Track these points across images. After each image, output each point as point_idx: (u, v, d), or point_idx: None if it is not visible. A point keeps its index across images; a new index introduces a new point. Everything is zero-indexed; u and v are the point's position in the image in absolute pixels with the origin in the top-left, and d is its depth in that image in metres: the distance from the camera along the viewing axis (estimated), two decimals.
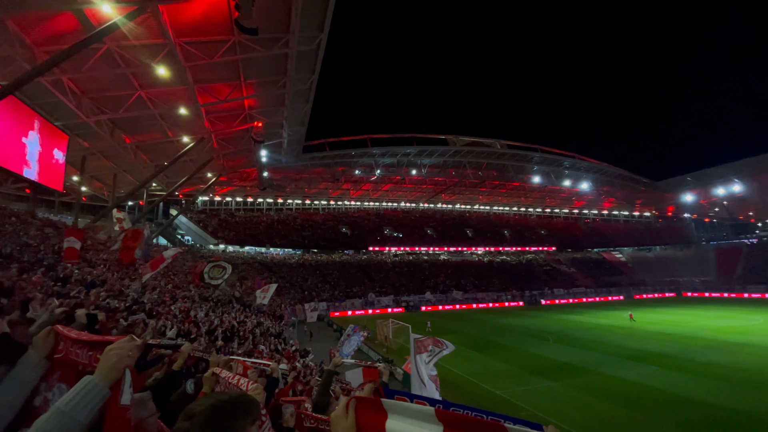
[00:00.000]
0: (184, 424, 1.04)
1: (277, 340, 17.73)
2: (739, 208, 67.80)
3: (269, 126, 30.26)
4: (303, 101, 27.63)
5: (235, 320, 16.24)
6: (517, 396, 15.20)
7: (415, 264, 60.92)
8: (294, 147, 38.72)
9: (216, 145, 31.15)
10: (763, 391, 14.55)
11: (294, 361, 13.75)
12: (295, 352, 16.79)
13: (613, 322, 33.74)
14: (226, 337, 12.41)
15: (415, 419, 1.09)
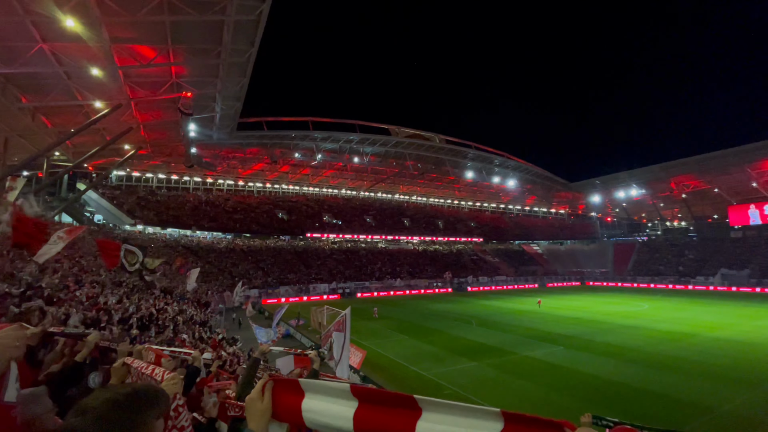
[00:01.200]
0: (74, 420, 0.94)
1: (202, 329, 16.76)
2: (635, 210, 78.77)
3: (200, 98, 27.88)
4: (239, 75, 25.88)
5: (154, 307, 14.99)
6: (442, 376, 16.22)
7: (354, 251, 61.24)
8: (227, 123, 36.23)
9: (136, 114, 27.96)
10: (645, 367, 17.28)
11: (220, 349, 13.14)
12: (222, 341, 16.04)
13: (528, 307, 37.34)
14: (142, 325, 11.42)
15: (332, 396, 1.11)
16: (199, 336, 14.31)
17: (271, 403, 1.18)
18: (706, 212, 67.99)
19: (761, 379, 15.12)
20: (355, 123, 51.29)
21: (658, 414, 11.95)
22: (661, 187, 65.93)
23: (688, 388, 14.25)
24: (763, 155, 50.27)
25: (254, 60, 23.96)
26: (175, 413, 1.59)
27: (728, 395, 13.46)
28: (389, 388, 14.49)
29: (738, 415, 11.86)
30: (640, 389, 14.38)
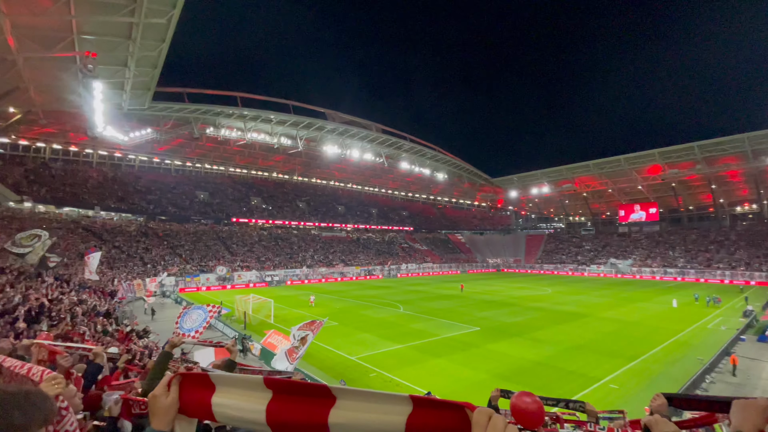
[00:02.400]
0: None
1: (107, 321, 15.04)
2: (545, 205, 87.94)
3: (109, 59, 24.43)
4: (158, 39, 23.15)
5: (46, 297, 13.05)
6: (369, 360, 16.70)
7: (284, 238, 59.35)
8: (142, 91, 32.40)
9: (26, 72, 23.57)
10: (547, 344, 19.60)
11: (129, 343, 11.95)
12: (131, 333, 14.59)
13: (451, 292, 39.88)
14: (30, 318, 9.89)
15: (244, 389, 1.09)
16: (103, 329, 12.82)
17: (177, 399, 1.12)
18: (601, 209, 78.53)
19: (636, 352, 18.11)
20: (290, 103, 49.14)
21: (555, 384, 13.74)
22: (567, 186, 74.40)
23: (581, 362, 16.54)
24: (649, 162, 59.46)
25: (176, 23, 21.55)
26: (58, 416, 1.42)
27: (612, 367, 15.90)
28: (319, 375, 14.53)
29: (619, 385, 14.06)
30: (542, 363, 16.33)
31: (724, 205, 63.03)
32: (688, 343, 19.66)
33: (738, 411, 1.26)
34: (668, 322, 25.05)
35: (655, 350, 18.45)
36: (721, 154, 53.13)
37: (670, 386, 13.46)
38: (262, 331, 19.60)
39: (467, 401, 0.88)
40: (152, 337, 16.32)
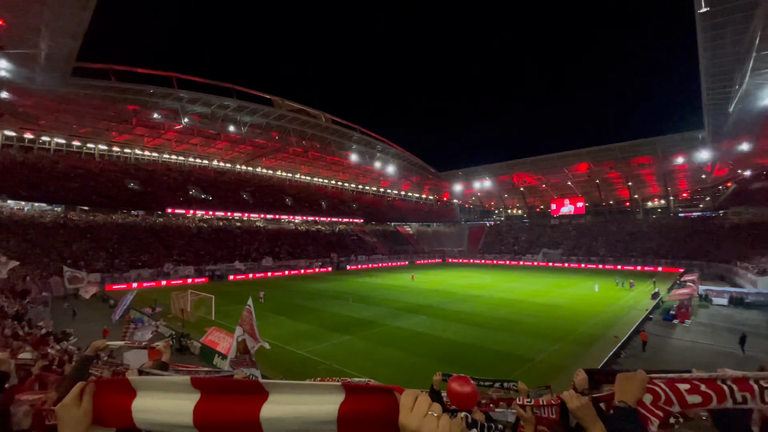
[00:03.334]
0: None
1: (18, 323, 13.31)
2: (486, 199, 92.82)
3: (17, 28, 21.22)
4: (77, 6, 20.54)
5: None
6: (318, 352, 16.61)
7: (226, 230, 56.39)
8: (59, 65, 28.67)
9: None
10: (486, 329, 20.86)
11: (45, 347, 10.69)
12: (47, 336, 13.07)
13: (400, 282, 40.81)
14: None
15: (169, 391, 1.04)
16: (12, 332, 11.34)
17: (90, 409, 1.04)
18: (536, 203, 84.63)
19: (564, 333, 19.94)
20: (232, 87, 46.35)
21: (493, 366, 14.71)
22: (506, 181, 79.18)
23: (515, 344, 17.86)
24: (578, 161, 65.13)
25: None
26: None
27: (542, 348, 17.37)
28: (265, 371, 14.13)
29: (549, 363, 15.43)
30: (482, 347, 17.39)
31: (638, 201, 71.11)
32: (607, 323, 22.07)
33: (620, 383, 1.42)
34: (591, 305, 27.88)
35: (580, 330, 20.48)
36: (636, 155, 59.79)
37: (593, 362, 15.04)
38: (202, 329, 18.59)
39: (398, 385, 0.92)
40: (73, 340, 14.76)
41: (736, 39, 26.06)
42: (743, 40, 25.56)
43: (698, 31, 26.21)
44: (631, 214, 71.09)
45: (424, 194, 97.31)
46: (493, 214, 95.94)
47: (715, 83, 33.37)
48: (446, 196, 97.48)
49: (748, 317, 23.17)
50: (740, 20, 23.94)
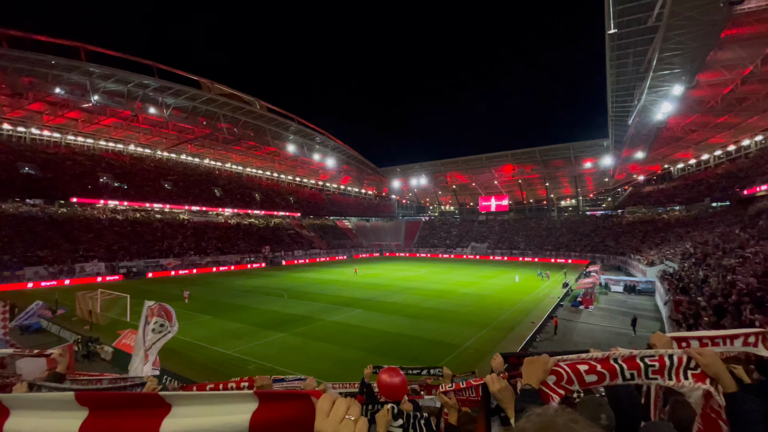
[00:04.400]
0: None
1: None
2: (422, 195, 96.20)
3: None
4: None
5: None
6: (249, 352, 15.91)
7: (144, 223, 51.13)
8: None
9: None
10: (419, 319, 21.67)
11: None
12: None
13: (336, 277, 40.64)
14: None
15: (50, 410, 0.91)
16: None
17: None
18: (466, 200, 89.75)
19: (488, 320, 21.49)
20: (153, 65, 41.79)
21: (424, 354, 15.39)
22: (440, 178, 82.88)
23: (445, 333, 18.84)
24: (503, 162, 70.38)
25: None
26: None
27: (469, 335, 18.54)
28: (186, 373, 13.15)
29: (475, 349, 16.52)
30: (414, 337, 18.08)
31: (553, 200, 79.01)
32: (526, 310, 24.27)
33: (526, 367, 1.54)
34: (512, 293, 30.43)
35: (502, 317, 22.26)
36: (553, 158, 66.36)
37: (513, 346, 16.47)
38: (114, 331, 16.71)
39: (316, 389, 0.92)
40: None
41: (637, 59, 30.01)
42: (643, 61, 29.51)
43: (606, 50, 29.68)
44: (548, 212, 78.77)
45: (363, 189, 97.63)
46: (428, 210, 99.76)
47: (618, 97, 38.16)
48: (385, 191, 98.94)
49: (638, 302, 27.06)
50: (642, 43, 27.58)
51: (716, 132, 44.67)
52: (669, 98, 32.39)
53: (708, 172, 53.40)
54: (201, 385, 2.54)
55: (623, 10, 24.67)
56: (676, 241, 40.53)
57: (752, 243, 21.61)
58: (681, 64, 27.32)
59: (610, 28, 26.38)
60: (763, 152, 44.16)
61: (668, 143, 49.78)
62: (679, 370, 1.43)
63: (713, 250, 25.24)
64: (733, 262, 19.36)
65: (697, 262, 24.58)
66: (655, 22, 23.48)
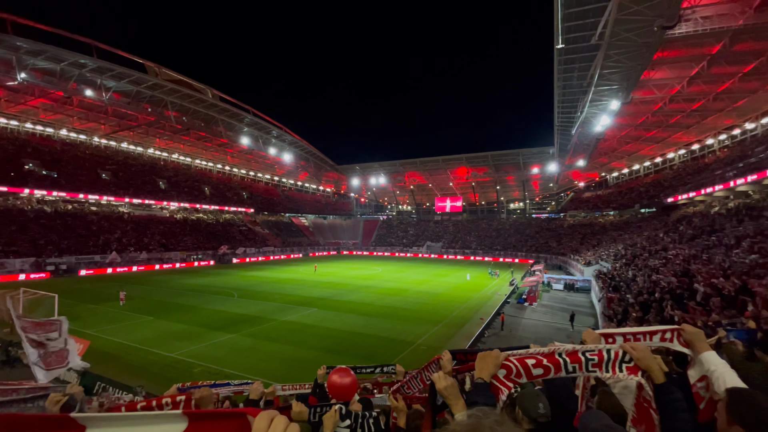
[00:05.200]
0: None
1: None
2: (381, 194, 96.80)
3: None
4: None
5: None
6: (195, 354, 15.09)
7: (78, 216, 46.60)
8: None
9: None
10: (374, 317, 21.79)
11: None
12: None
13: (291, 275, 39.72)
14: None
15: None
16: None
17: None
18: (423, 201, 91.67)
19: (441, 317, 22.11)
20: (92, 43, 38.08)
21: (379, 352, 15.51)
22: (399, 178, 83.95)
23: (400, 330, 19.12)
24: (458, 164, 72.79)
25: None
26: None
27: (423, 332, 18.96)
28: (123, 378, 12.19)
29: (428, 345, 16.91)
30: (369, 335, 18.16)
31: (503, 202, 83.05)
32: (475, 307, 25.29)
33: (479, 361, 1.60)
34: (463, 291, 31.58)
35: (454, 314, 23.03)
36: (504, 163, 69.79)
37: (463, 342, 17.09)
38: None
39: (253, 407, 0.87)
40: None
41: (581, 74, 32.36)
42: (587, 76, 31.89)
43: (555, 63, 31.71)
44: (498, 214, 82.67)
45: (321, 186, 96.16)
46: (387, 209, 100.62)
47: (564, 109, 40.92)
48: (343, 189, 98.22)
49: (577, 299, 29.23)
50: (586, 59, 29.80)
51: (646, 145, 49.41)
52: (607, 112, 35.29)
53: (638, 181, 58.89)
54: (131, 404, 2.34)
55: (570, 27, 26.50)
56: (610, 243, 44.29)
57: (673, 246, 24.20)
58: (619, 81, 29.86)
59: (558, 43, 28.21)
60: (685, 165, 49.58)
61: (605, 153, 54.27)
62: (615, 363, 1.54)
63: (641, 252, 27.93)
64: (657, 263, 21.57)
65: (627, 263, 27.06)
66: (598, 40, 25.47)
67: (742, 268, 12.59)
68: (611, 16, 21.71)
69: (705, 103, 34.18)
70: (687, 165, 48.87)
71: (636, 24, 22.07)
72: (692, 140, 46.55)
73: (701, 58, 26.65)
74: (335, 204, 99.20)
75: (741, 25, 21.98)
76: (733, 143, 42.18)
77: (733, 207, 25.69)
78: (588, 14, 24.72)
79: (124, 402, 4.24)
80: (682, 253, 20.45)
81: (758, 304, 8.36)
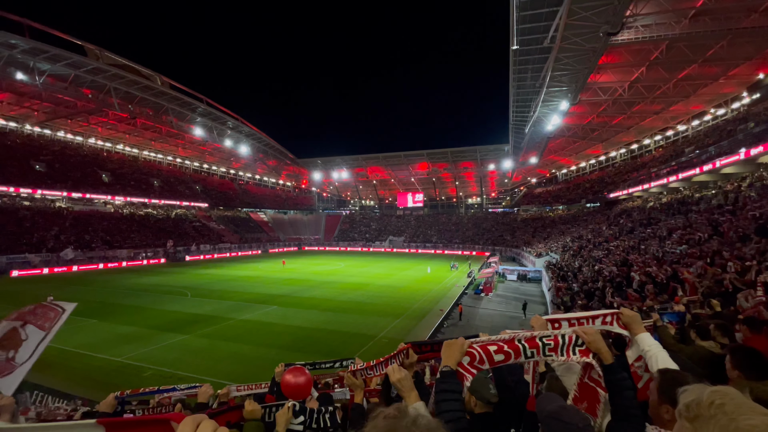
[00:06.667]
0: None
1: None
2: (343, 189, 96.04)
3: None
4: None
5: None
6: (144, 357, 14.24)
7: (8, 211, 41.99)
8: None
9: None
10: (336, 312, 21.68)
11: None
12: None
13: (249, 273, 38.47)
14: None
15: None
16: None
17: None
18: (386, 195, 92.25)
19: (402, 310, 22.45)
20: (23, 22, 34.12)
21: (341, 347, 15.49)
22: (361, 173, 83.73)
23: (362, 324, 19.19)
24: (419, 160, 73.95)
25: None
26: None
27: (385, 325, 19.16)
28: (64, 387, 11.24)
29: (389, 338, 17.11)
30: (331, 330, 18.07)
31: (462, 197, 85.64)
32: (435, 299, 25.94)
33: (444, 349, 1.64)
34: (424, 283, 32.27)
35: (414, 306, 23.49)
36: (462, 159, 71.84)
37: (424, 333, 17.50)
38: None
39: (178, 413, 0.82)
40: None
41: (534, 75, 33.92)
42: (539, 77, 33.46)
43: (510, 64, 32.97)
44: (456, 208, 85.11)
45: (281, 180, 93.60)
46: (349, 204, 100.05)
47: (518, 108, 42.73)
48: (305, 184, 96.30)
49: (529, 289, 30.86)
50: (538, 60, 31.25)
51: (591, 144, 52.94)
52: (557, 112, 37.33)
53: (585, 178, 63.02)
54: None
55: (525, 30, 27.66)
56: (559, 235, 47.14)
57: (614, 238, 26.22)
58: (568, 83, 31.66)
59: (513, 45, 29.34)
60: (625, 163, 53.68)
61: (555, 151, 57.48)
62: (569, 347, 1.63)
63: (586, 244, 30.00)
64: (600, 254, 23.28)
65: (574, 254, 28.98)
66: (550, 43, 26.80)
67: (673, 257, 13.90)
68: (562, 21, 22.91)
69: (643, 106, 37.19)
70: (627, 163, 53.00)
71: (584, 29, 23.45)
72: (632, 140, 50.54)
73: (641, 64, 28.91)
74: (296, 198, 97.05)
75: (677, 33, 24.06)
76: (666, 143, 46.31)
77: (666, 202, 28.28)
78: (541, 17, 25.92)
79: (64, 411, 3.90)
80: (622, 245, 22.22)
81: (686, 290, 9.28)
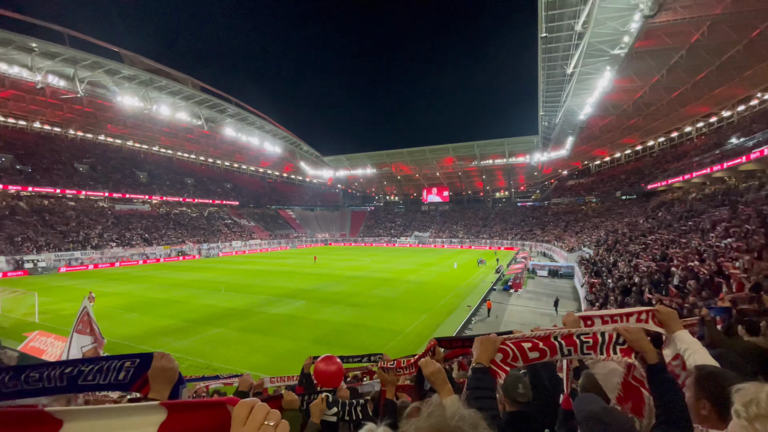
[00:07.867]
0: None
1: None
2: (368, 185, 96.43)
3: None
4: None
5: None
6: (182, 349, 14.96)
7: (55, 211, 45.16)
8: None
9: None
10: (362, 307, 21.90)
11: None
12: None
13: (279, 268, 39.48)
14: None
15: None
16: None
17: None
18: (410, 191, 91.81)
19: (429, 305, 22.38)
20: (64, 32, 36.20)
21: (368, 342, 15.65)
22: (386, 169, 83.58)
23: (388, 320, 19.29)
24: (444, 155, 72.86)
25: None
26: None
27: (411, 320, 19.18)
28: None
29: (416, 333, 17.13)
30: (358, 325, 18.28)
31: (489, 192, 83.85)
32: (462, 295, 25.66)
33: (477, 345, 1.60)
34: (450, 279, 31.96)
35: (441, 302, 23.34)
36: (489, 153, 70.20)
37: (451, 329, 17.37)
38: (20, 334, 14.68)
39: (233, 396, 0.85)
40: None
41: (564, 63, 32.62)
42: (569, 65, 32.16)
43: (539, 52, 31.85)
44: (483, 203, 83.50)
45: (308, 178, 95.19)
46: (374, 200, 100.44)
47: (548, 98, 41.27)
48: (330, 181, 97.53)
49: (560, 285, 29.92)
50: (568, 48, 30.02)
51: (627, 133, 50.39)
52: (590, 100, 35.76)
53: (619, 169, 60.17)
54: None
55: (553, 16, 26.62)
56: (592, 229, 45.34)
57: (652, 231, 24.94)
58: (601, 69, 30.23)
59: (542, 32, 28.31)
60: (664, 152, 50.83)
61: (587, 142, 55.14)
62: (609, 345, 1.56)
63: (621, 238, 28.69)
64: (637, 248, 22.22)
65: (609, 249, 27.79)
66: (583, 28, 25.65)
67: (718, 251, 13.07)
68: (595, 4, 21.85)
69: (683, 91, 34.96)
70: (666, 152, 50.13)
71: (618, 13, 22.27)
72: (671, 128, 47.70)
73: (680, 48, 27.16)
74: (323, 195, 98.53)
75: (719, 14, 22.42)
76: (710, 131, 43.39)
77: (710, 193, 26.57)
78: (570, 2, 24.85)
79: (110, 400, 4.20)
80: (661, 239, 21.10)
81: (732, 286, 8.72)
